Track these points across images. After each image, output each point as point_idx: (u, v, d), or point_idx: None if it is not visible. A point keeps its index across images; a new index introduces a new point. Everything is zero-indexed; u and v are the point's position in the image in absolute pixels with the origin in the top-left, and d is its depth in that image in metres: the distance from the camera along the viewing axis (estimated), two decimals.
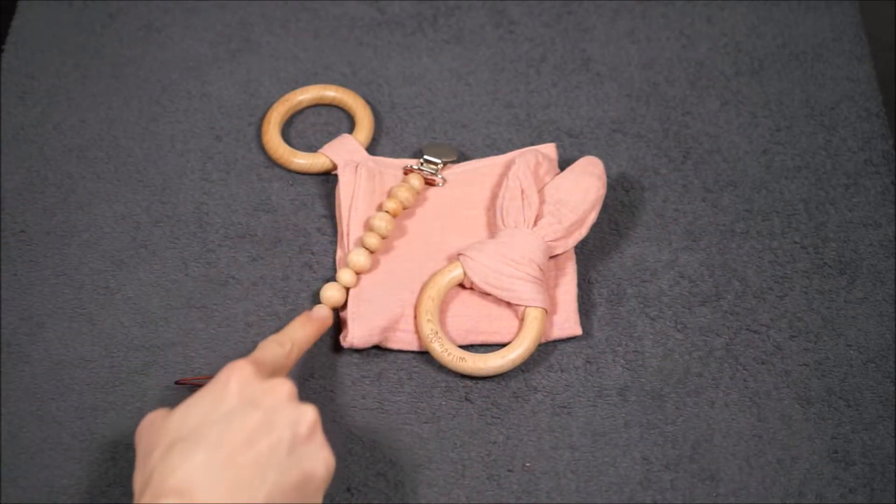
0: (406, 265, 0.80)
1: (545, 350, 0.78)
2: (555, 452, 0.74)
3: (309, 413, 0.64)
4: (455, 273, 0.78)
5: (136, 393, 0.76)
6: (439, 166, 0.83)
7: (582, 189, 0.79)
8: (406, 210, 0.82)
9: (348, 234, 0.81)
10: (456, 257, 0.78)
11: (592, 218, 0.80)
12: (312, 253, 0.82)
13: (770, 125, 0.88)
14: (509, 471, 0.74)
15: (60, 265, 0.81)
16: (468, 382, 0.77)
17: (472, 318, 0.78)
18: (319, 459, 0.64)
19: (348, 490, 0.73)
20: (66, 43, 0.91)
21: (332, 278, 0.80)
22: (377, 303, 0.77)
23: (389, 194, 0.81)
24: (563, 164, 0.84)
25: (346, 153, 0.84)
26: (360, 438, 0.75)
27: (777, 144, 0.87)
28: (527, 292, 0.76)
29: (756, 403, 0.76)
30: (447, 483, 0.73)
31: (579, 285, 0.80)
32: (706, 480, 0.73)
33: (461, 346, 0.78)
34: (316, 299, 0.79)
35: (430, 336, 0.76)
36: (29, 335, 0.78)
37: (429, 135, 0.87)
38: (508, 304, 0.78)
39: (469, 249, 0.78)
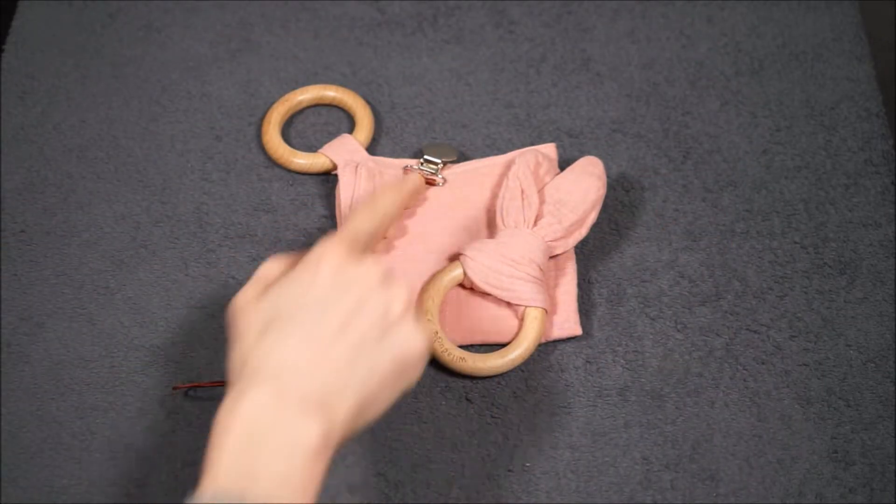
0: (406, 265, 0.80)
1: (545, 350, 0.78)
2: (555, 452, 0.74)
3: (399, 296, 0.64)
4: (455, 273, 0.78)
5: (136, 393, 0.76)
6: (439, 166, 0.83)
7: (582, 189, 0.79)
8: (406, 210, 0.82)
9: None
10: (456, 257, 0.78)
11: (592, 218, 0.80)
12: None
13: (770, 125, 0.88)
14: (509, 471, 0.74)
15: (60, 265, 0.81)
16: (468, 382, 0.77)
17: (472, 318, 0.78)
18: (412, 342, 0.64)
19: (349, 490, 0.73)
20: (66, 43, 0.92)
21: None
22: None
23: None
24: (563, 164, 0.84)
25: (346, 153, 0.84)
26: (360, 438, 0.75)
27: (777, 144, 0.87)
28: (527, 292, 0.76)
29: (756, 403, 0.76)
30: (447, 483, 0.74)
31: (579, 285, 0.80)
32: (706, 480, 0.73)
33: (461, 346, 0.78)
34: None
35: (430, 336, 0.76)
36: (29, 335, 0.78)
37: (429, 135, 0.87)
38: (508, 304, 0.78)
39: (469, 249, 0.78)
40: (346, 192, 0.82)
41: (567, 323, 0.78)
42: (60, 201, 0.84)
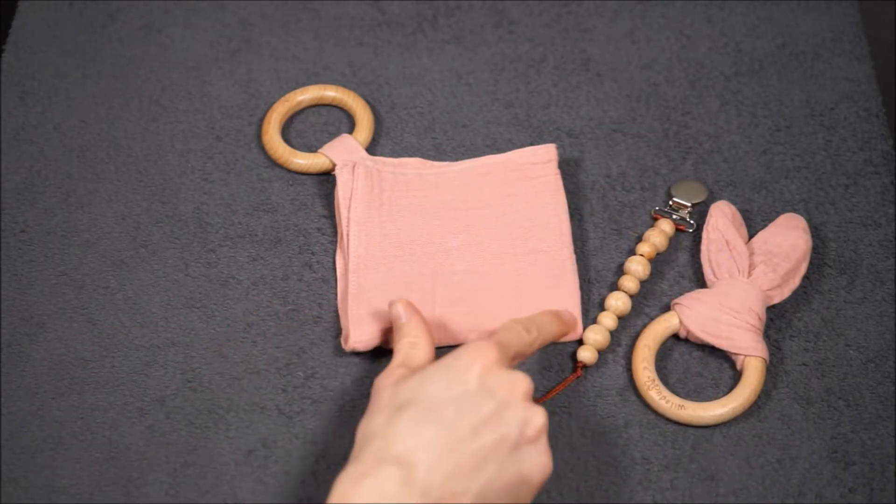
0: (406, 266, 0.80)
1: (545, 350, 0.78)
2: (555, 452, 0.74)
3: (538, 416, 0.65)
4: (671, 322, 0.77)
5: (136, 393, 0.76)
6: (688, 208, 0.82)
7: (790, 241, 0.79)
8: (405, 210, 0.82)
9: (347, 235, 0.81)
10: (672, 306, 0.78)
11: (804, 269, 0.79)
12: (312, 253, 0.82)
13: (770, 125, 0.88)
14: None
15: (61, 265, 0.81)
16: None
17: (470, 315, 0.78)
18: (538, 464, 0.65)
19: None
20: (66, 43, 0.92)
21: (332, 278, 0.80)
22: (378, 305, 0.77)
23: (643, 238, 0.81)
24: (563, 163, 0.84)
25: (345, 153, 0.84)
26: None
27: (777, 144, 0.87)
28: (747, 341, 0.75)
29: (756, 403, 0.76)
30: None
31: (579, 285, 0.80)
32: (706, 480, 0.73)
33: (451, 346, 0.77)
34: (315, 298, 0.79)
35: (648, 384, 0.75)
36: (29, 335, 0.78)
37: (429, 135, 0.87)
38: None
39: (685, 298, 0.77)
40: (343, 191, 0.82)
41: None
42: (60, 201, 0.84)
